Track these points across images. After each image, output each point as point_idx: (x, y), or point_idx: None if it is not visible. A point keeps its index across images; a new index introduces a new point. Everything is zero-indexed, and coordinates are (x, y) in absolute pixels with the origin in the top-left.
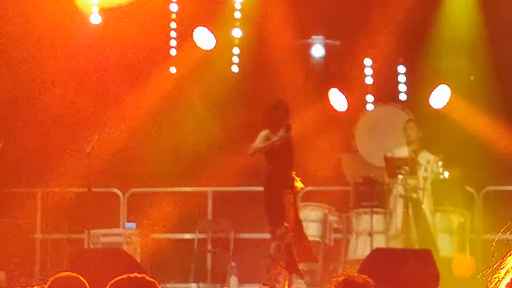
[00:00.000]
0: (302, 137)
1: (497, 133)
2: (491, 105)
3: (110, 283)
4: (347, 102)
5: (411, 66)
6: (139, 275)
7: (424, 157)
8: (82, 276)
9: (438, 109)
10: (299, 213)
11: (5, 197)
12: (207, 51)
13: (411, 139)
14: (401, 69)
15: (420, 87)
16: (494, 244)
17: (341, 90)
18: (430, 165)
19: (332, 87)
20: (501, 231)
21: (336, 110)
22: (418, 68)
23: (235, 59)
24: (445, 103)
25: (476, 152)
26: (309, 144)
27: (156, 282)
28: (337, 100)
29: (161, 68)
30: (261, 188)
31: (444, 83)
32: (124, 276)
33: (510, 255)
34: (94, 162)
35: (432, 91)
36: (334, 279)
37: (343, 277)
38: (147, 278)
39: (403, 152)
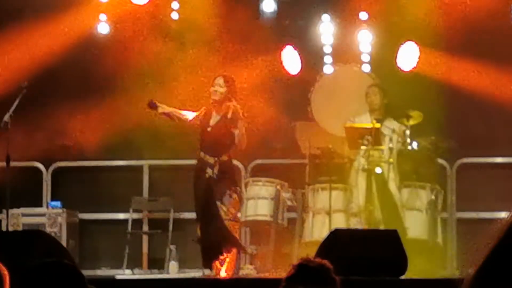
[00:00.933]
0: (251, 104)
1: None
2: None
3: (22, 271)
4: (302, 63)
5: (375, 22)
6: (57, 260)
7: (389, 125)
8: None
9: (407, 71)
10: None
11: None
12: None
13: (374, 106)
14: (364, 25)
15: (385, 45)
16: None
17: (295, 50)
18: (396, 134)
19: (285, 46)
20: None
21: (289, 72)
22: (383, 24)
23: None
24: (414, 64)
25: (448, 120)
26: (258, 111)
27: (75, 265)
28: (291, 61)
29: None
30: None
31: (412, 40)
32: (39, 261)
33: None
34: (13, 132)
35: (398, 50)
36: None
37: (298, 262)
38: (67, 262)
39: (365, 120)
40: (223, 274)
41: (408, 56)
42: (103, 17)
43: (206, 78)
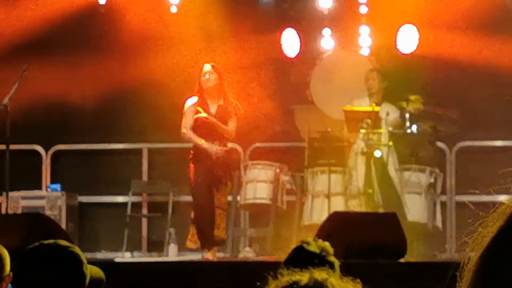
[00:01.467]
0: (249, 87)
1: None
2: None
3: (22, 251)
4: (301, 46)
5: (375, 5)
6: (55, 241)
7: (384, 109)
8: None
9: (406, 53)
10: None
11: None
12: None
13: (373, 90)
14: (363, 8)
15: (385, 28)
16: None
17: (295, 32)
18: (389, 117)
19: (283, 30)
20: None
21: (288, 56)
22: (383, 7)
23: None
24: (414, 47)
25: (448, 103)
26: (257, 95)
27: (75, 246)
28: (290, 43)
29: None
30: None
31: (411, 23)
32: (37, 243)
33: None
34: (12, 115)
35: (397, 33)
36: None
37: (297, 244)
38: (65, 243)
39: (364, 103)
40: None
41: (407, 39)
42: None
43: (202, 51)
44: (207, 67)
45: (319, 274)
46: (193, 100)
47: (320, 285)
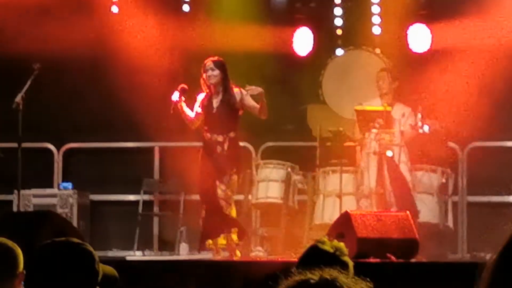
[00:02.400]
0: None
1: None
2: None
3: (35, 249)
4: (314, 45)
5: (386, 4)
6: (67, 239)
7: (399, 110)
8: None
9: (419, 53)
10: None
11: None
12: None
13: (383, 91)
14: (375, 8)
15: (397, 28)
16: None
17: (309, 31)
18: (405, 118)
19: (295, 29)
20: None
21: (300, 55)
22: (395, 6)
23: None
24: (427, 46)
25: (460, 103)
26: (269, 93)
27: (87, 244)
28: (302, 42)
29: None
30: None
31: (422, 22)
32: (49, 241)
33: None
34: (24, 113)
35: (408, 32)
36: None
37: (312, 243)
38: (77, 241)
39: (375, 103)
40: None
41: (419, 38)
42: None
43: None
44: (208, 65)
45: (329, 273)
46: (201, 96)
47: (330, 283)
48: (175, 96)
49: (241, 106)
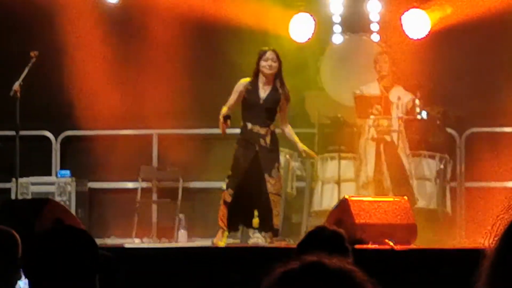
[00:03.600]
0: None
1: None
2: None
3: (35, 235)
4: (313, 31)
5: None
6: (68, 225)
7: (395, 93)
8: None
9: (416, 39)
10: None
11: None
12: None
13: (383, 72)
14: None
15: (395, 14)
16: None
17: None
18: (401, 102)
19: (292, 15)
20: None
21: (297, 41)
22: None
23: None
24: (425, 32)
25: (458, 88)
26: None
27: (86, 230)
28: (300, 29)
29: None
30: (213, 131)
31: (420, 7)
32: (49, 227)
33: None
34: (22, 101)
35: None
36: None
37: (312, 229)
38: (76, 227)
39: (373, 89)
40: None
41: (416, 24)
42: None
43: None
44: (270, 54)
45: (309, 259)
46: (245, 81)
47: (313, 267)
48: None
49: (284, 101)
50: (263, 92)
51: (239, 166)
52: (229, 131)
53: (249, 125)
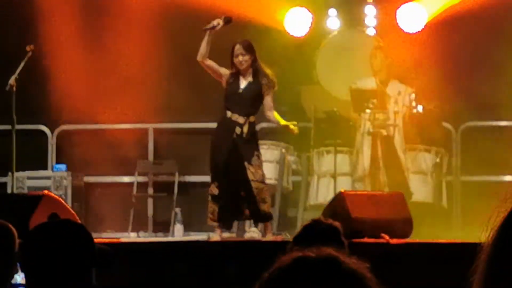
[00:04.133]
0: None
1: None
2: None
3: (32, 228)
4: (310, 26)
5: None
6: (65, 219)
7: (395, 87)
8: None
9: (412, 33)
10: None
11: None
12: None
13: (378, 67)
14: None
15: (391, 8)
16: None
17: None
18: (401, 96)
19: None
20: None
21: (293, 36)
22: None
23: None
24: (420, 26)
25: (454, 82)
26: None
27: (83, 224)
28: (296, 23)
29: None
30: (209, 125)
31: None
32: (46, 221)
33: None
34: (18, 95)
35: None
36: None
37: (307, 222)
38: (73, 220)
39: (369, 83)
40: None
41: (411, 18)
42: None
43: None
44: (237, 49)
45: (327, 251)
46: (226, 71)
47: (330, 261)
48: (216, 22)
49: (267, 89)
50: (243, 83)
51: (217, 157)
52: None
53: (229, 113)
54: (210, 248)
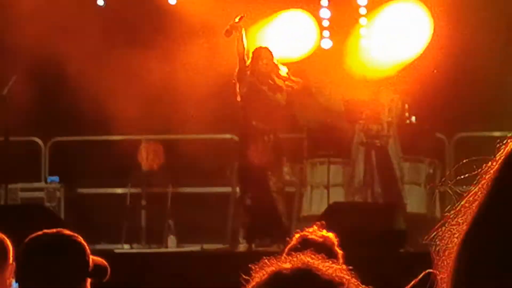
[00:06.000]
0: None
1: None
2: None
3: (25, 240)
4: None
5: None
6: (58, 231)
7: (387, 96)
8: None
9: None
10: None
11: None
12: None
13: (370, 78)
14: (362, 1)
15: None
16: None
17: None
18: (395, 103)
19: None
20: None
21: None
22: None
23: None
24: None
25: (447, 93)
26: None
27: (78, 236)
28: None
29: None
30: (203, 136)
31: None
32: (40, 232)
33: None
34: (12, 107)
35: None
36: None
37: (301, 234)
38: (67, 232)
39: (364, 93)
40: None
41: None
42: None
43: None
44: (264, 52)
45: (301, 260)
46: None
47: (305, 272)
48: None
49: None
50: (267, 89)
51: (246, 167)
52: (217, 136)
53: (254, 122)
54: (202, 259)
